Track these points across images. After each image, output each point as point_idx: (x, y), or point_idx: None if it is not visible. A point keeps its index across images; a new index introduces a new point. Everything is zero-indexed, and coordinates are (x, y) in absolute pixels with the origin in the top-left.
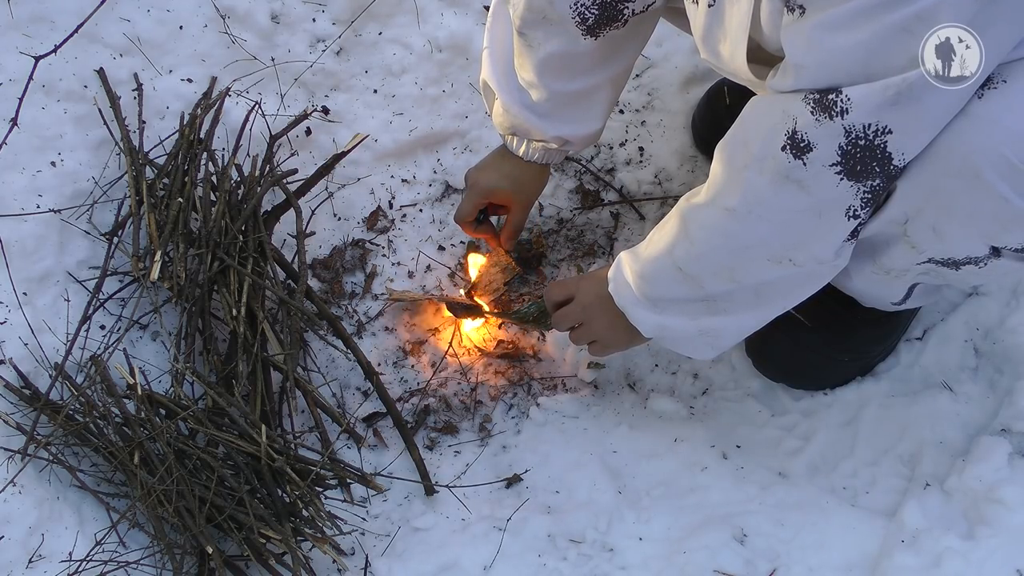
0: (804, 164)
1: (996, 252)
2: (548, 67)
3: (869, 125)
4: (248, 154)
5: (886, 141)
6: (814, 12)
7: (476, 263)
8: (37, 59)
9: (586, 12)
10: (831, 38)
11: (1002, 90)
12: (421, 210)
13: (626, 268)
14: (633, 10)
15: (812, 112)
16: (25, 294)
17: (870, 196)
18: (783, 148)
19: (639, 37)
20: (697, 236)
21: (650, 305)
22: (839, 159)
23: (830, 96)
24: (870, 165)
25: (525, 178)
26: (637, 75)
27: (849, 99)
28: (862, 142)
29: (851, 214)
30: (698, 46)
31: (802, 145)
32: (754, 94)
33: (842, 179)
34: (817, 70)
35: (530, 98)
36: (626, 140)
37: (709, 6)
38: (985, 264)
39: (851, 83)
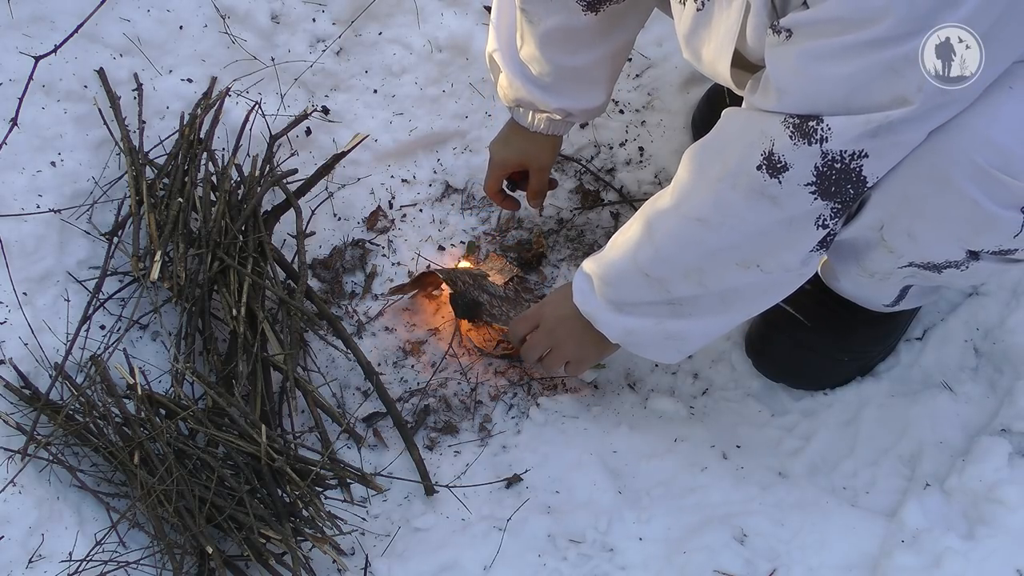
0: (779, 183)
1: (974, 255)
2: (549, 42)
3: (846, 151)
4: (248, 154)
5: (861, 165)
6: (801, 39)
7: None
8: (37, 59)
9: None
10: (817, 67)
11: None
12: (421, 210)
13: (589, 274)
14: None
15: (791, 137)
16: (25, 294)
17: (840, 207)
18: (759, 167)
19: (640, 11)
20: (662, 242)
21: (615, 308)
22: (814, 180)
23: (810, 123)
24: (844, 187)
25: (535, 148)
26: (637, 75)
27: (830, 128)
28: (838, 165)
29: (820, 223)
30: (680, 44)
31: (778, 166)
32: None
33: (816, 199)
34: (800, 97)
35: (532, 71)
36: (626, 140)
37: (697, 10)
38: (966, 267)
39: (832, 113)
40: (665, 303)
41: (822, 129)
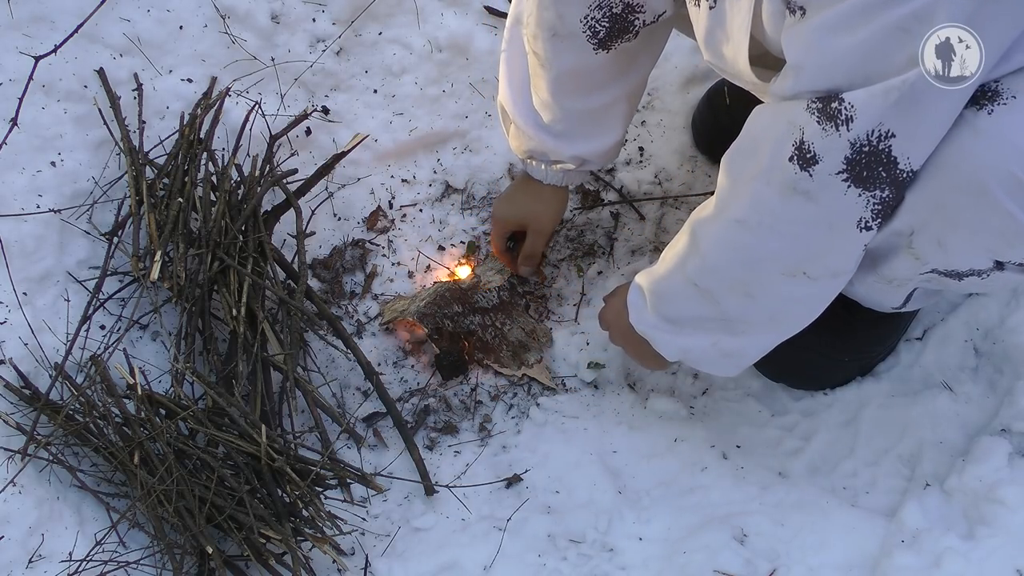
0: (811, 175)
1: (1000, 265)
2: (561, 85)
3: (873, 131)
4: (248, 154)
5: (890, 145)
6: (813, 13)
7: (472, 265)
8: (37, 59)
9: (596, 25)
10: (829, 40)
11: (1011, 106)
12: (421, 210)
13: (642, 290)
14: (644, 21)
15: (819, 122)
16: (25, 294)
17: (880, 207)
18: (790, 159)
19: (652, 48)
20: (708, 250)
21: (669, 326)
22: (845, 167)
23: (833, 104)
24: (876, 171)
25: (539, 206)
26: None
27: (852, 106)
28: (866, 148)
29: (863, 225)
30: (701, 48)
31: (808, 156)
32: (753, 96)
33: (849, 186)
34: (815, 72)
35: (544, 119)
36: (626, 140)
37: (710, 8)
38: (988, 275)
39: (850, 86)
40: (717, 319)
41: (845, 109)
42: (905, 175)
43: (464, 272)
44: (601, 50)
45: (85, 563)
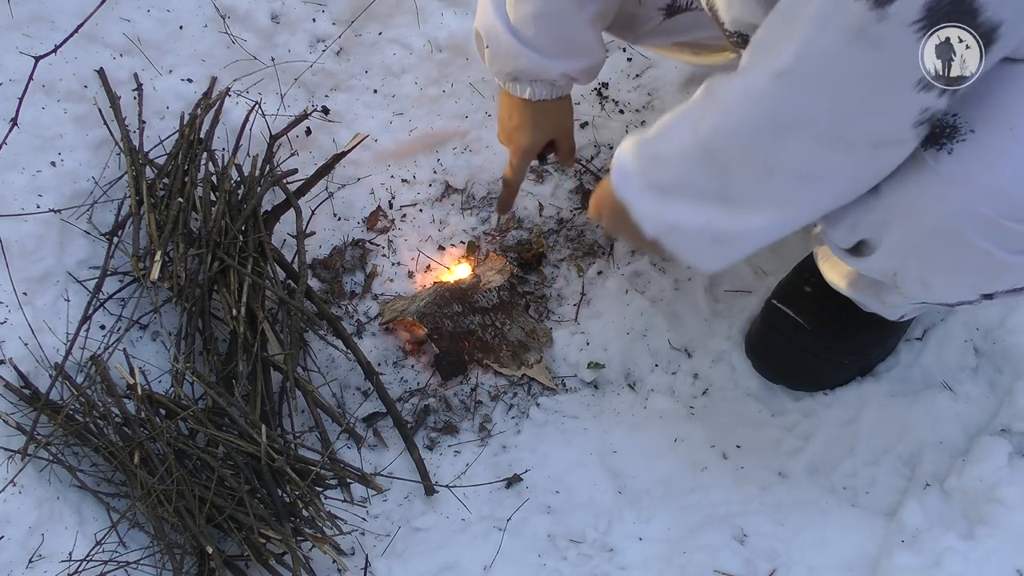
0: (882, 17)
1: (988, 296)
2: None
3: None
4: (248, 154)
5: None
6: None
7: (472, 264)
8: (37, 59)
9: None
10: None
11: (971, 142)
12: (421, 210)
13: (632, 152)
14: None
15: None
16: (25, 294)
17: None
18: None
19: None
20: (731, 108)
21: (658, 195)
22: (924, 15)
23: None
24: (957, 20)
25: (558, 115)
26: (637, 75)
27: None
28: None
29: (922, 85)
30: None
31: None
32: None
33: (921, 33)
34: None
35: (527, 35)
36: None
37: None
38: (979, 303)
39: None
40: (718, 195)
41: None
42: (986, 29)
43: (464, 271)
44: None
45: (85, 563)
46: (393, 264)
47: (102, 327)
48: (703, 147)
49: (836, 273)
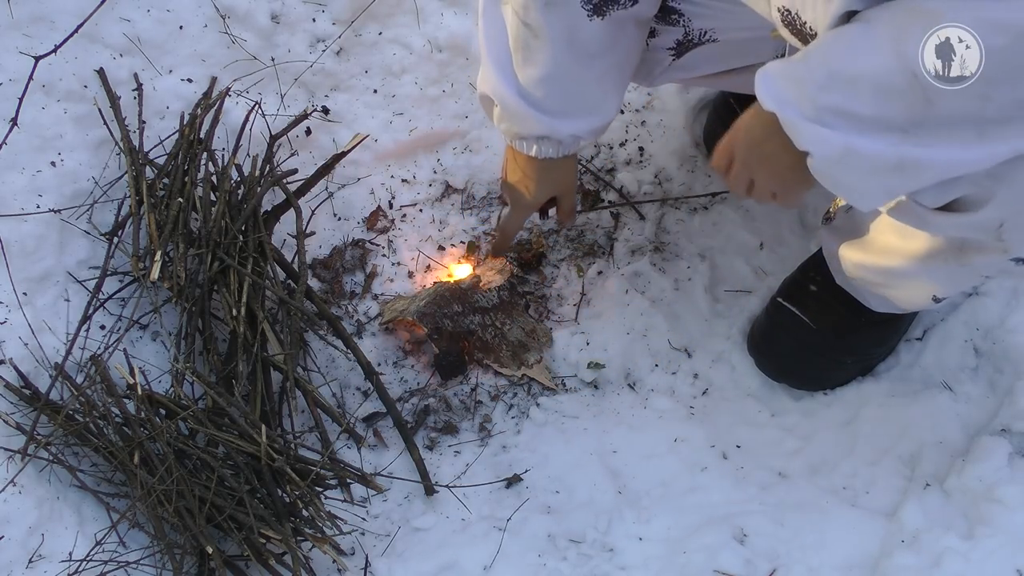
0: None
1: None
2: (555, 56)
3: None
4: (248, 154)
5: None
6: None
7: (471, 265)
8: (37, 59)
9: None
10: None
11: None
12: (421, 210)
13: (790, 74)
14: None
15: None
16: (25, 294)
17: None
18: None
19: (644, 19)
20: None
21: (834, 118)
22: None
23: None
24: None
25: (561, 176)
26: None
27: None
28: None
29: None
30: None
31: None
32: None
33: None
34: None
35: (538, 95)
36: (626, 140)
37: None
38: None
39: None
40: (914, 123)
41: None
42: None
43: (464, 270)
44: (596, 16)
45: (85, 563)
46: (393, 264)
47: (102, 327)
48: (910, 72)
49: (873, 254)
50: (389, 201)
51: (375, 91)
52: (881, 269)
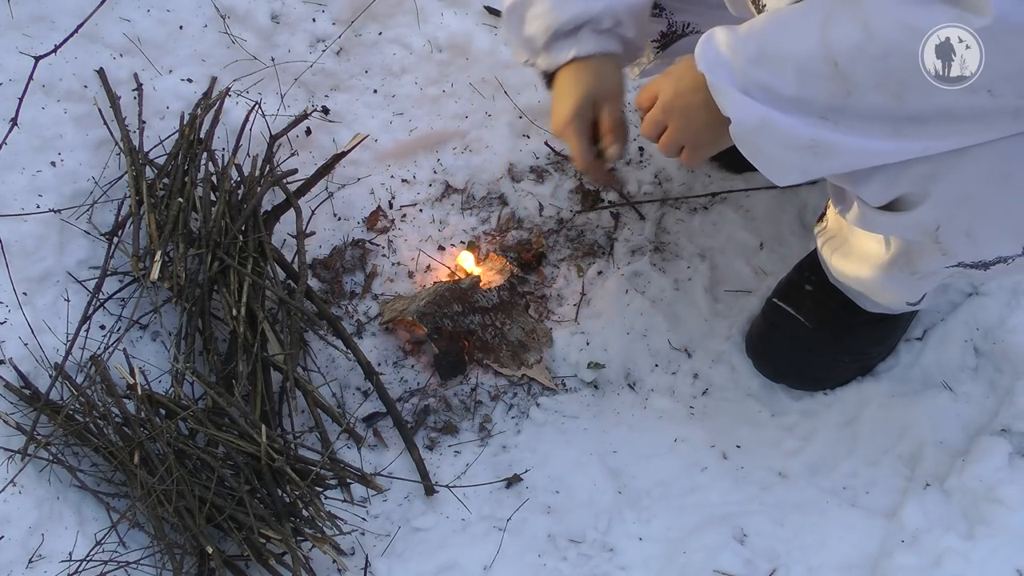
0: None
1: None
2: None
3: None
4: (248, 154)
5: None
6: None
7: (470, 264)
8: (37, 59)
9: None
10: None
11: None
12: (421, 210)
13: (729, 43)
14: None
15: None
16: (25, 294)
17: None
18: None
19: None
20: (881, 30)
21: (757, 91)
22: None
23: None
24: None
25: (600, 73)
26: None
27: None
28: None
29: None
30: None
31: None
32: None
33: None
34: None
35: None
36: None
37: None
38: (1013, 261)
39: None
40: (831, 108)
41: None
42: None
43: (468, 259)
44: None
45: (85, 563)
46: (393, 264)
47: (102, 327)
48: (830, 60)
49: (852, 261)
50: (389, 201)
51: (375, 91)
52: (854, 277)
